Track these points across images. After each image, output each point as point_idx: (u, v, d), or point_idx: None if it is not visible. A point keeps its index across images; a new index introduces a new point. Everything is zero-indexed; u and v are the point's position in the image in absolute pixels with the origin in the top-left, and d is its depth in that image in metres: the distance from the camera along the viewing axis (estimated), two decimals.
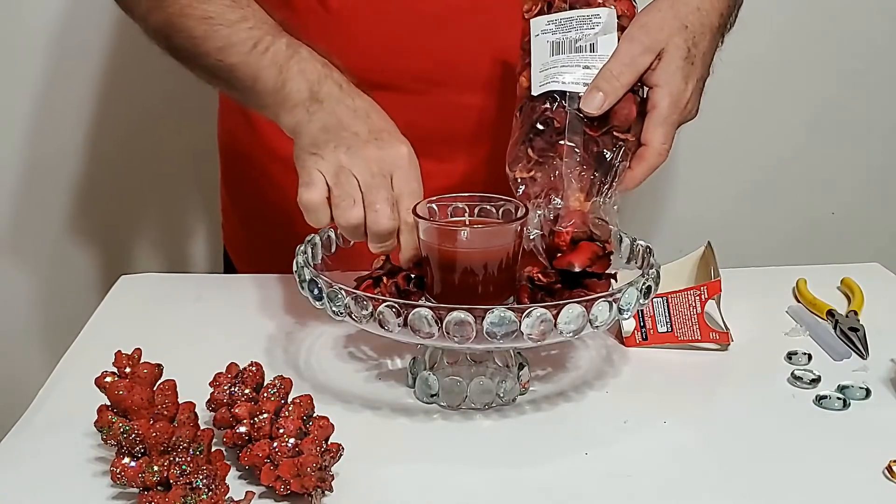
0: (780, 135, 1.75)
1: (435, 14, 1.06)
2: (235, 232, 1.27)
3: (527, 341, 0.77)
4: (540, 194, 0.88)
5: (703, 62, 0.94)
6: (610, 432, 0.83)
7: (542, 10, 0.94)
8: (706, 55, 0.95)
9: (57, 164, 1.68)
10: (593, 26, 0.91)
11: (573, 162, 0.87)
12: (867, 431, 0.83)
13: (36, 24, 1.59)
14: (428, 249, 0.86)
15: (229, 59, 0.94)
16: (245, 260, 1.26)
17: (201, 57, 0.96)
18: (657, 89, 0.90)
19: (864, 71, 1.73)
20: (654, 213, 1.78)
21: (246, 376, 0.78)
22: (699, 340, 0.95)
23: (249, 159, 1.18)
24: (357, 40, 1.06)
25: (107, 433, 0.71)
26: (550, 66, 0.91)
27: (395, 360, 0.93)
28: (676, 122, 0.91)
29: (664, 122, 0.90)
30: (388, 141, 0.89)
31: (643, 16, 0.92)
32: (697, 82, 0.93)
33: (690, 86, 0.92)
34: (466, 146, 1.11)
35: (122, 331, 0.98)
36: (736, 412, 0.86)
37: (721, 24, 0.97)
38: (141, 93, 1.64)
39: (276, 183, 1.13)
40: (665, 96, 0.90)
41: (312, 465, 0.70)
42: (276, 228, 1.12)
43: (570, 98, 0.89)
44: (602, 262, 0.85)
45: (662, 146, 0.89)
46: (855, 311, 1.02)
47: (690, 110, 0.93)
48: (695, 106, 0.94)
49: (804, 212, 1.80)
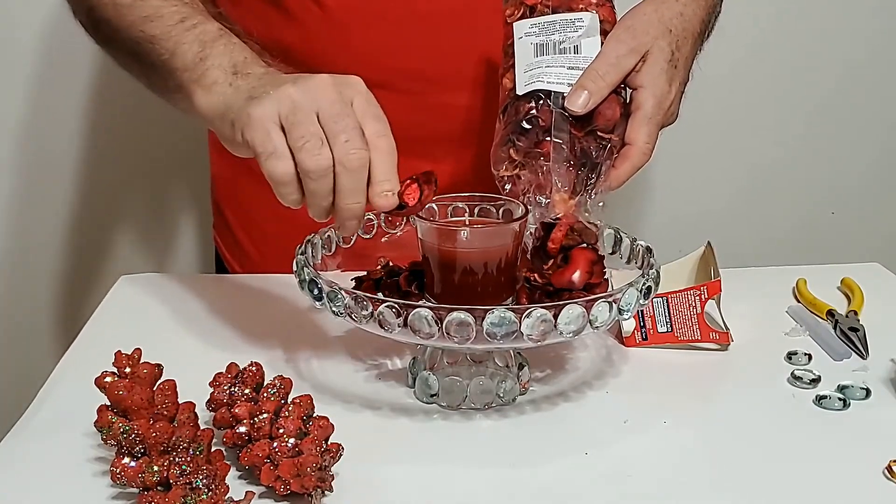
0: (780, 135, 1.75)
1: (431, 13, 1.06)
2: (228, 230, 1.27)
3: (527, 342, 0.77)
4: (527, 190, 0.88)
5: (685, 66, 0.95)
6: (610, 432, 0.83)
7: (524, 15, 0.94)
8: (688, 60, 0.96)
9: (56, 165, 1.68)
10: (577, 29, 0.92)
11: (560, 158, 0.87)
12: (867, 431, 0.83)
13: (24, 25, 1.59)
14: (428, 249, 0.86)
15: (151, 31, 0.89)
16: (239, 259, 1.25)
17: (123, 30, 0.92)
18: (641, 90, 0.91)
19: (864, 70, 1.73)
20: (654, 213, 1.78)
21: (246, 376, 0.78)
22: (699, 340, 0.95)
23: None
24: (351, 38, 1.06)
25: (107, 433, 0.71)
26: (535, 66, 0.91)
27: (395, 360, 0.93)
28: (660, 122, 0.91)
29: (648, 122, 0.90)
30: (338, 77, 0.81)
31: (628, 18, 0.93)
32: (680, 86, 0.94)
33: (674, 88, 0.93)
34: (457, 146, 1.11)
35: (122, 331, 0.98)
36: (736, 412, 0.86)
37: (702, 31, 0.98)
38: (135, 91, 1.63)
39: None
40: (649, 97, 0.90)
41: (312, 465, 0.70)
42: (272, 222, 1.11)
43: (556, 97, 0.89)
44: (598, 266, 0.85)
45: (646, 145, 0.90)
46: (855, 311, 1.02)
47: (673, 113, 0.94)
48: (676, 109, 0.95)
49: (804, 212, 1.80)
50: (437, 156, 1.08)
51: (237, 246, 1.23)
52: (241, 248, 1.23)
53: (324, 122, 0.77)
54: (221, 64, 0.84)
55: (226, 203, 1.24)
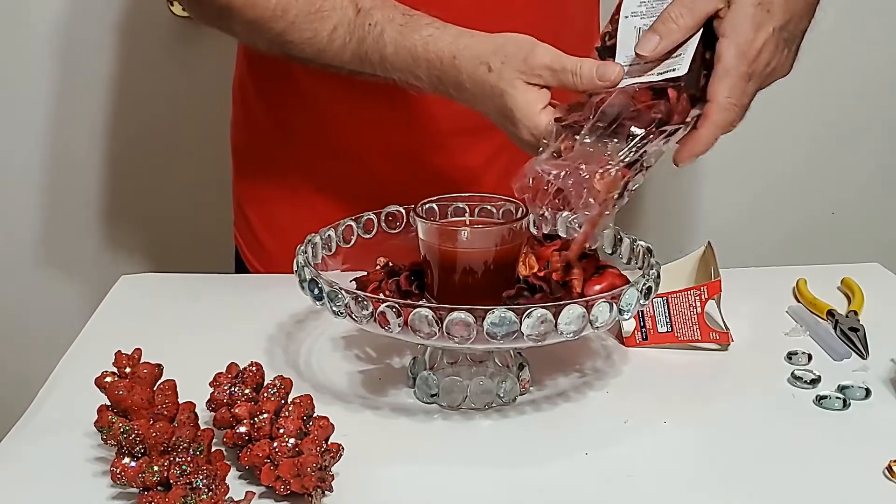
0: (780, 135, 1.75)
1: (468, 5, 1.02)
2: (250, 229, 1.26)
3: (527, 342, 0.77)
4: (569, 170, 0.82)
5: (784, 9, 0.86)
6: (610, 432, 0.83)
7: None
8: (791, 2, 0.87)
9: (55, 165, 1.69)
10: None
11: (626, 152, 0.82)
12: (867, 431, 0.83)
13: (42, 26, 1.60)
14: (428, 249, 0.86)
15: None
16: (259, 257, 1.25)
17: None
18: (722, 40, 0.84)
19: (864, 71, 1.73)
20: (654, 213, 1.78)
21: (246, 376, 0.78)
22: (699, 340, 0.95)
23: (267, 152, 1.19)
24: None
25: (107, 433, 0.71)
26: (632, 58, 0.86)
27: (395, 360, 0.93)
28: (746, 74, 0.84)
29: (728, 74, 0.83)
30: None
31: None
32: (776, 31, 0.85)
33: (763, 35, 0.84)
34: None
35: (122, 331, 0.98)
36: (736, 412, 0.86)
37: None
38: (156, 93, 1.64)
39: (304, 171, 1.13)
40: (730, 46, 0.83)
41: (312, 465, 0.70)
42: (294, 221, 1.11)
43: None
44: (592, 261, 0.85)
45: (727, 100, 0.83)
46: (855, 311, 1.02)
47: (769, 62, 0.86)
48: (774, 57, 0.86)
49: (804, 212, 1.80)
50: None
51: (258, 245, 1.23)
52: (262, 248, 1.22)
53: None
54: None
55: (248, 203, 1.24)
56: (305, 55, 0.98)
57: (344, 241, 0.93)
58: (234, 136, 1.25)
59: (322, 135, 1.14)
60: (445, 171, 1.11)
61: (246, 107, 1.21)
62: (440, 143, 1.10)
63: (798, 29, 0.89)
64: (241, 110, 1.23)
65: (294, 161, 1.16)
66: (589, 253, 0.87)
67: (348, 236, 0.93)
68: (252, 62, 1.18)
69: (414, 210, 0.88)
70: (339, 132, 1.13)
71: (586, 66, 0.84)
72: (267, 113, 1.17)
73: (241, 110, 1.23)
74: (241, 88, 1.22)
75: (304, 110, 1.13)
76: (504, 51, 0.87)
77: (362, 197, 1.04)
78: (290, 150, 1.16)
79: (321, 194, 1.15)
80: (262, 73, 1.17)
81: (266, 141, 1.19)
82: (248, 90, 1.19)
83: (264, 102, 1.18)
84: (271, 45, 1.00)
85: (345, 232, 0.93)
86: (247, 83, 1.19)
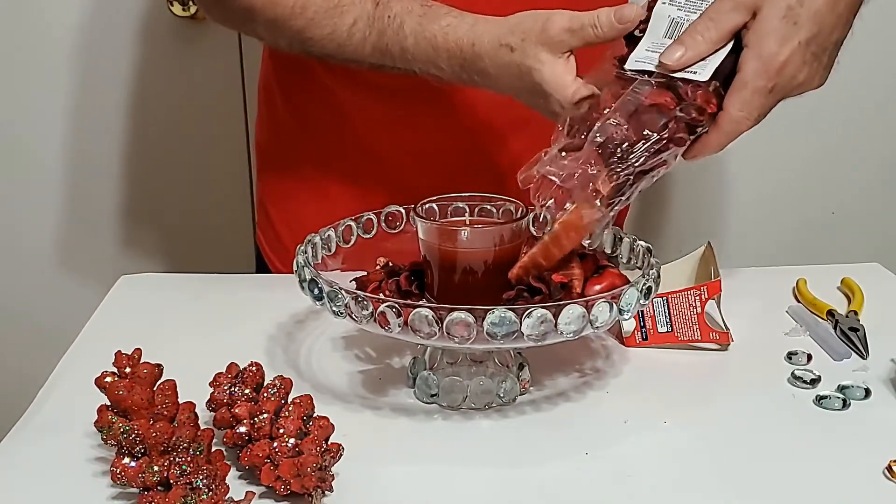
0: (781, 135, 1.75)
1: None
2: (272, 228, 1.26)
3: (527, 342, 0.77)
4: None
5: (813, 21, 0.84)
6: (610, 432, 0.83)
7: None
8: (821, 14, 0.84)
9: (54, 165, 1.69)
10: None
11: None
12: (867, 431, 0.83)
13: (61, 28, 1.60)
14: (428, 249, 0.86)
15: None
16: (282, 257, 1.24)
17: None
18: (745, 51, 0.83)
19: (864, 70, 1.73)
20: (654, 213, 1.78)
21: (246, 376, 0.78)
22: (699, 340, 0.95)
23: (292, 151, 1.19)
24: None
25: (107, 433, 0.71)
26: (659, 47, 0.85)
27: (395, 360, 0.93)
28: (764, 88, 0.83)
29: (745, 87, 0.83)
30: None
31: None
32: (802, 44, 0.83)
33: (787, 49, 0.83)
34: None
35: (122, 331, 0.98)
36: (736, 412, 0.86)
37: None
38: (173, 92, 1.64)
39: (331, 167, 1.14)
40: (751, 59, 0.83)
41: (312, 465, 0.70)
42: (317, 219, 1.12)
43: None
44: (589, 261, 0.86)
45: (738, 113, 0.83)
46: (855, 311, 1.02)
47: (794, 76, 0.84)
48: (802, 71, 0.84)
49: (804, 212, 1.80)
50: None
51: (281, 244, 1.23)
52: (285, 247, 1.22)
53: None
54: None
55: (271, 202, 1.24)
56: (326, 51, 0.99)
57: (343, 241, 0.93)
58: (259, 136, 1.26)
59: (346, 135, 1.14)
60: (473, 169, 1.11)
61: (271, 107, 1.21)
62: (466, 143, 1.10)
63: (829, 41, 0.87)
64: (265, 110, 1.23)
65: (318, 160, 1.16)
66: (588, 253, 0.87)
67: (348, 236, 0.93)
68: (277, 63, 1.18)
69: (414, 210, 0.89)
70: (363, 132, 1.13)
71: (603, 14, 0.85)
72: (292, 113, 1.17)
73: (265, 110, 1.23)
74: (266, 89, 1.22)
75: (328, 111, 1.14)
76: (521, 27, 0.87)
77: (386, 196, 1.04)
78: (314, 150, 1.16)
79: (345, 194, 1.15)
80: (286, 74, 1.17)
81: (290, 140, 1.19)
82: (272, 91, 1.20)
83: (289, 103, 1.18)
84: (292, 43, 1.00)
85: (344, 232, 0.93)
86: (272, 84, 1.20)
